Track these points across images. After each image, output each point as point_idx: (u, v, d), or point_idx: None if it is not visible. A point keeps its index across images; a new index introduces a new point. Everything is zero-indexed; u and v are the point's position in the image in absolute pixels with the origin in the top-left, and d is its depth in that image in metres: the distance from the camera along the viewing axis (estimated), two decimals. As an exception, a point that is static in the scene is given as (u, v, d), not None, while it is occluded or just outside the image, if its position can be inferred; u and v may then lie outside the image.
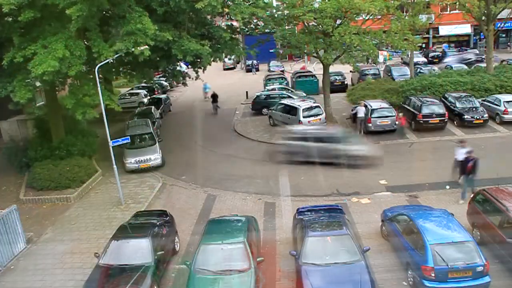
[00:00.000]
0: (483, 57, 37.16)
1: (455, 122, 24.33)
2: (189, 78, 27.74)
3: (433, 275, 10.37)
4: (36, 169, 18.79)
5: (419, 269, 10.70)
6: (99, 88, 16.55)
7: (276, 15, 25.10)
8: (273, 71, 46.98)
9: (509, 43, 53.94)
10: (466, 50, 49.68)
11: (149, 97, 36.11)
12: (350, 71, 37.56)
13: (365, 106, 24.04)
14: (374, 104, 24.64)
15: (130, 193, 18.29)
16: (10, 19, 16.56)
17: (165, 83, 43.26)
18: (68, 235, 15.10)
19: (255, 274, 10.82)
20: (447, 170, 17.49)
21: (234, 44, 24.45)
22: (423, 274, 10.52)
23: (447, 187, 17.10)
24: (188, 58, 19.88)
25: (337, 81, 35.85)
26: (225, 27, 24.62)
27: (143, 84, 38.17)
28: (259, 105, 30.77)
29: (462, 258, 10.48)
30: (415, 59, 37.24)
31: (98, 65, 16.45)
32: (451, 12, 44.40)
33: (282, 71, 47.03)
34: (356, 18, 23.96)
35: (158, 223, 13.17)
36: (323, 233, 11.88)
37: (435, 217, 12.06)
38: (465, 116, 23.75)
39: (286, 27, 26.16)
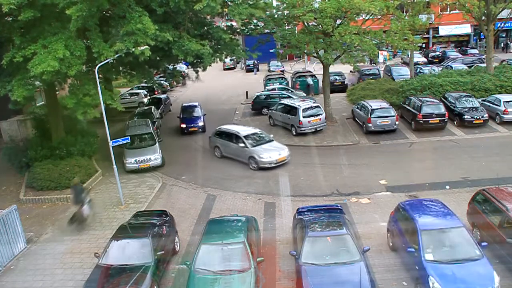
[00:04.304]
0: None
1: (455, 122, 24.35)
2: (189, 78, 27.64)
3: None
4: (36, 169, 18.78)
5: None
6: (99, 88, 16.56)
7: (276, 15, 25.10)
8: (273, 71, 46.96)
9: (503, 47, 53.62)
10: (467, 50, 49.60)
11: (149, 97, 36.10)
12: (350, 71, 37.60)
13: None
14: (374, 104, 24.65)
15: (130, 193, 18.29)
16: (10, 19, 16.55)
17: (165, 83, 43.27)
18: (68, 235, 15.08)
19: (255, 274, 10.82)
20: (447, 170, 17.45)
21: (234, 44, 24.43)
22: None
23: (447, 187, 17.10)
24: (188, 59, 19.85)
25: (337, 81, 35.86)
26: (224, 28, 24.60)
27: (143, 84, 38.17)
28: (259, 105, 30.77)
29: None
30: (415, 59, 37.26)
31: (98, 65, 16.46)
32: (451, 12, 44.43)
33: (282, 71, 47.03)
34: (356, 18, 23.98)
35: (158, 223, 13.16)
36: (323, 233, 11.87)
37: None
38: (465, 116, 23.76)
39: (286, 27, 26.16)
